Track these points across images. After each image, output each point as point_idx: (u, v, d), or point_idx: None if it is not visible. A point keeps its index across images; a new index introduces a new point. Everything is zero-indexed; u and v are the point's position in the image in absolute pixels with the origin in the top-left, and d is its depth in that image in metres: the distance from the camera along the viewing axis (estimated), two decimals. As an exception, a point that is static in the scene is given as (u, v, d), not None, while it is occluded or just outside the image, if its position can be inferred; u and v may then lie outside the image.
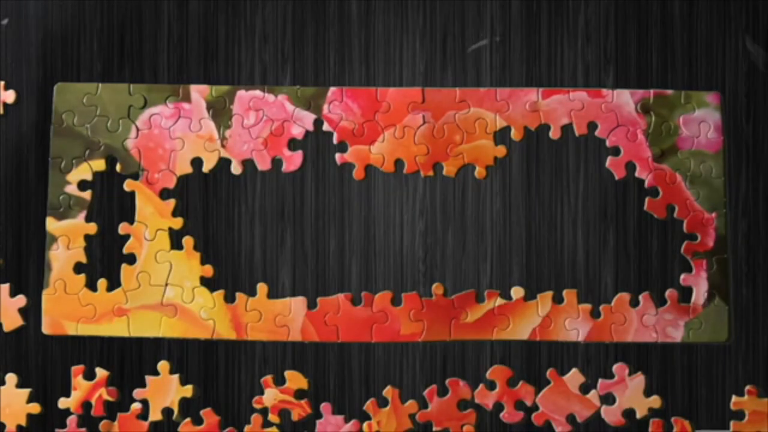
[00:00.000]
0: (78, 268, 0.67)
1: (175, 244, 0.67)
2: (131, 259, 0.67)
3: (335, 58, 0.69)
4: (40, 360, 0.67)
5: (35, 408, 0.66)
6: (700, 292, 0.67)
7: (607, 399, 0.67)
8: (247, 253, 0.67)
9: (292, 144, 0.68)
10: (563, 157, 0.68)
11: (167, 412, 0.66)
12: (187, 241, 0.67)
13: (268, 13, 0.69)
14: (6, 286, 0.67)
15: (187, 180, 0.68)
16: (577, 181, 0.68)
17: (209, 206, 0.68)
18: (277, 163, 0.68)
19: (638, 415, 0.67)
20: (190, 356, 0.67)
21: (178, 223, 0.67)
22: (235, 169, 0.68)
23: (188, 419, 0.67)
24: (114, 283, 0.67)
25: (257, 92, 0.68)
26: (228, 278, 0.67)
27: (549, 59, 0.68)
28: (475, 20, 0.68)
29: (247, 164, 0.68)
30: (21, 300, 0.67)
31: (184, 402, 0.67)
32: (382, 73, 0.68)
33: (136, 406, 0.67)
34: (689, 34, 0.68)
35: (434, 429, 0.67)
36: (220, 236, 0.67)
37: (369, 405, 0.67)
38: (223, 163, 0.68)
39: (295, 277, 0.67)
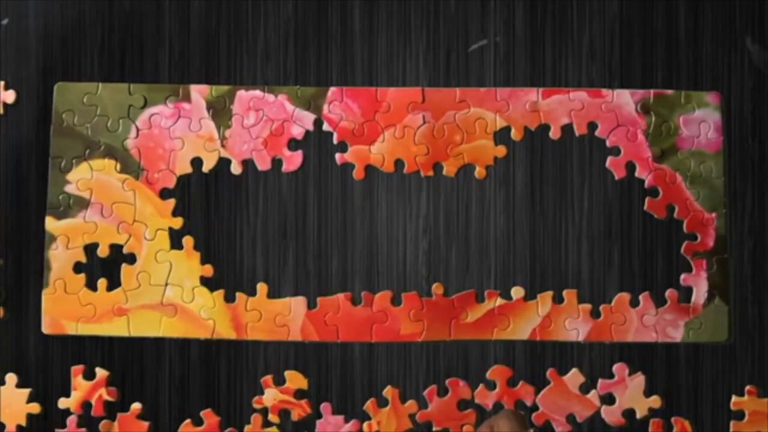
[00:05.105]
0: (78, 267, 0.67)
1: (175, 244, 0.67)
2: (131, 259, 0.67)
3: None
4: (40, 360, 0.67)
5: (35, 408, 0.66)
6: (700, 292, 0.67)
7: (607, 399, 0.67)
8: (247, 252, 0.67)
9: (292, 144, 0.68)
10: (564, 157, 0.68)
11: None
12: (187, 241, 0.67)
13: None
14: None
15: (187, 180, 0.68)
16: (576, 182, 0.68)
17: (209, 206, 0.68)
18: (277, 163, 0.68)
19: (638, 415, 0.67)
20: (191, 356, 0.67)
21: (178, 223, 0.67)
22: (235, 169, 0.68)
23: (188, 420, 0.67)
24: (114, 283, 0.67)
25: (257, 92, 0.68)
26: (228, 278, 0.67)
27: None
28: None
29: (247, 164, 0.68)
30: None
31: (185, 401, 0.67)
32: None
33: (136, 406, 0.67)
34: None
35: (434, 429, 0.67)
36: (220, 236, 0.67)
37: (369, 405, 0.67)
38: (223, 163, 0.68)
39: (296, 276, 0.67)
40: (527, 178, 0.68)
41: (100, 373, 0.67)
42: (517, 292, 0.67)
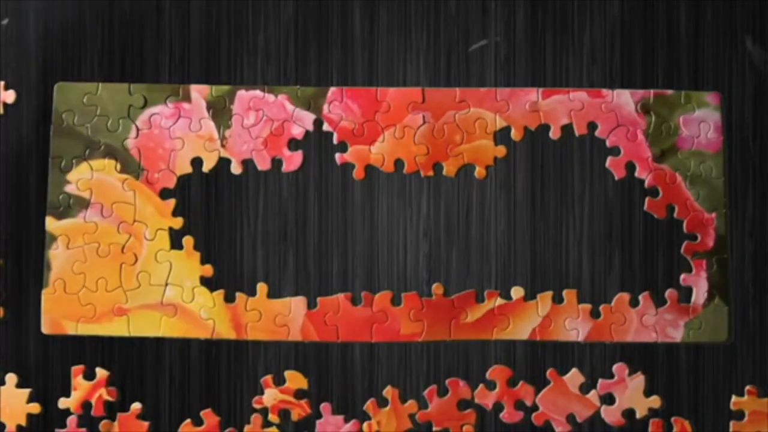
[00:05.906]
0: (78, 267, 0.67)
1: (175, 243, 0.67)
2: (131, 259, 0.67)
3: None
4: (40, 360, 0.67)
5: (35, 408, 0.66)
6: (700, 292, 0.67)
7: (607, 399, 0.67)
8: (247, 252, 0.67)
9: (292, 144, 0.68)
10: (563, 158, 0.68)
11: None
12: (187, 241, 0.67)
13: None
14: None
15: (188, 180, 0.68)
16: (576, 182, 0.68)
17: (209, 206, 0.68)
18: (277, 163, 0.68)
19: (638, 415, 0.67)
20: (191, 356, 0.67)
21: (178, 222, 0.67)
22: (235, 169, 0.68)
23: (188, 420, 0.67)
24: (114, 283, 0.67)
25: (257, 92, 0.68)
26: (228, 278, 0.67)
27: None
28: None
29: (247, 164, 0.68)
30: None
31: (185, 402, 0.67)
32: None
33: (136, 406, 0.67)
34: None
35: (434, 429, 0.67)
36: (220, 236, 0.67)
37: (369, 405, 0.67)
38: (223, 163, 0.68)
39: (296, 276, 0.67)
40: (527, 178, 0.68)
41: (101, 373, 0.67)
42: (516, 292, 0.67)
